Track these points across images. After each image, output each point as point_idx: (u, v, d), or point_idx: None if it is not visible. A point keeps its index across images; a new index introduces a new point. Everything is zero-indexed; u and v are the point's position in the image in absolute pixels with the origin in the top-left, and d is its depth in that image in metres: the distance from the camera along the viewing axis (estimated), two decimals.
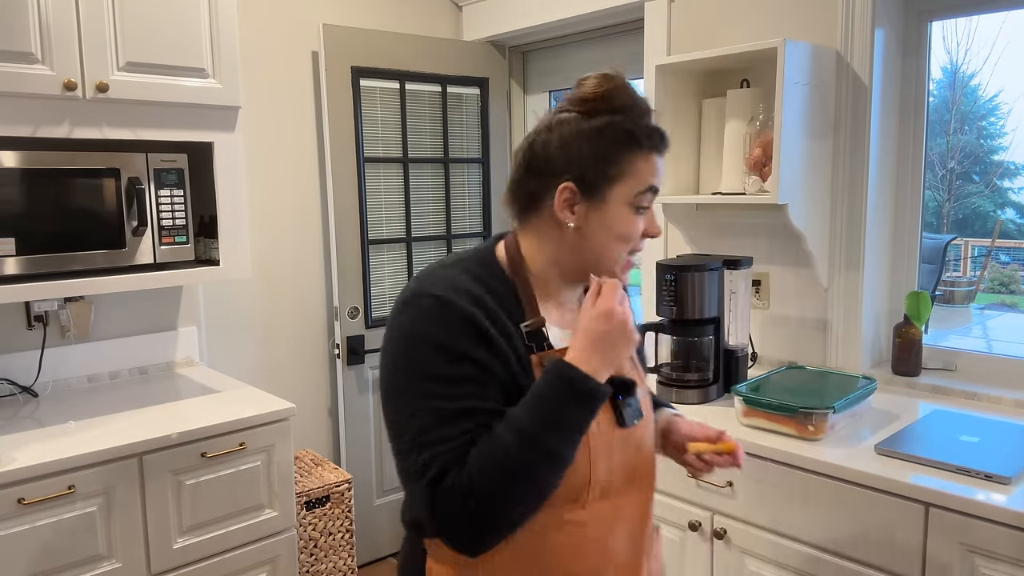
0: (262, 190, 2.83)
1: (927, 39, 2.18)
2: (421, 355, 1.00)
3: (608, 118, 1.08)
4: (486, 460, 0.95)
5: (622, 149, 1.07)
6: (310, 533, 2.60)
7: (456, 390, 0.98)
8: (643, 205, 1.08)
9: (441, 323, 1.00)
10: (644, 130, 1.09)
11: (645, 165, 1.08)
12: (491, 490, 0.94)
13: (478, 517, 0.94)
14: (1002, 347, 2.29)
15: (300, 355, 2.99)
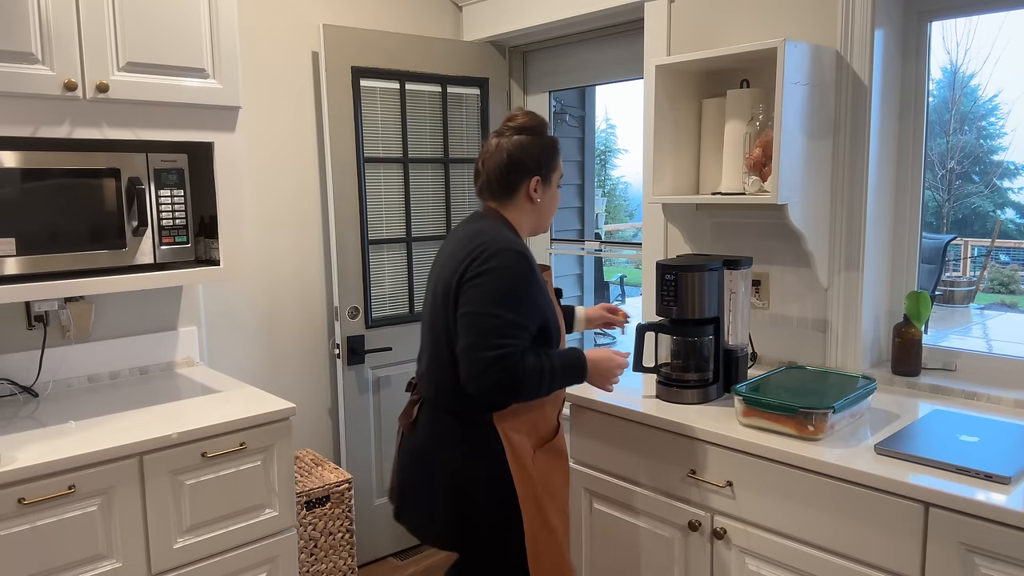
0: (262, 190, 2.83)
1: (927, 39, 2.18)
2: (514, 282, 1.69)
3: (548, 137, 1.85)
4: (533, 368, 1.67)
5: (556, 154, 1.86)
6: (310, 533, 2.60)
7: (524, 311, 1.69)
8: (559, 185, 1.91)
9: (518, 262, 1.70)
10: (556, 140, 1.88)
11: (561, 162, 1.90)
12: (528, 383, 1.67)
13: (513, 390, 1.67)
14: (1002, 347, 2.29)
15: (300, 355, 2.99)
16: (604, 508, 2.16)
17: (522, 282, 1.69)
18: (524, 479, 1.78)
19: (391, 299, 3.08)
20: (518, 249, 1.71)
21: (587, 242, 4.04)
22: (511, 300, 1.66)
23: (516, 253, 1.70)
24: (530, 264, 1.71)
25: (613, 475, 2.12)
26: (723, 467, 1.85)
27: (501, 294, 1.66)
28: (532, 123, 1.81)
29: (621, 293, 10.37)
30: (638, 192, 2.39)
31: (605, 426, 2.11)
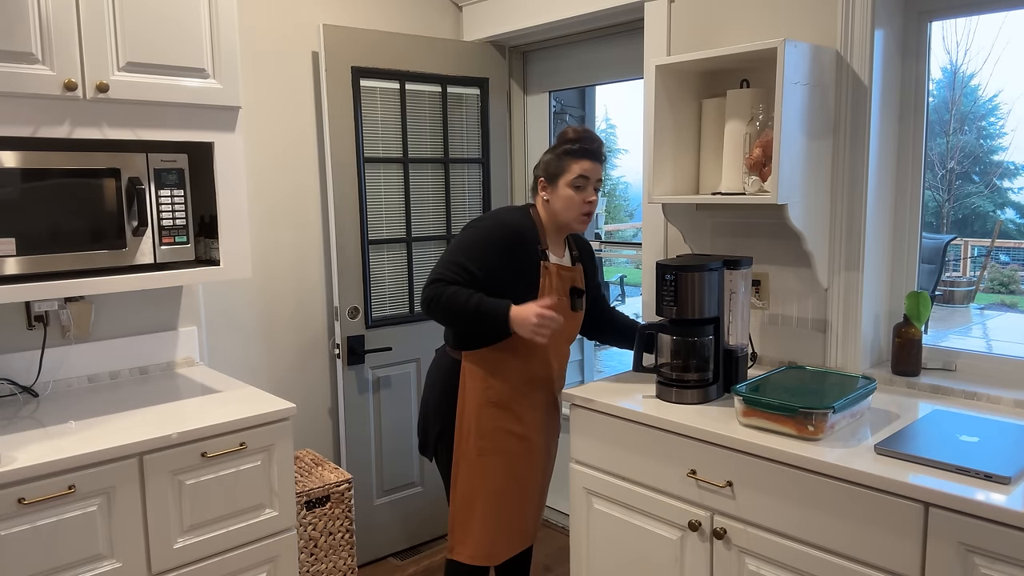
0: (262, 190, 2.83)
1: (927, 39, 2.18)
2: (478, 238, 2.09)
3: (561, 147, 2.14)
4: (454, 295, 2.02)
5: (562, 160, 2.13)
6: (310, 533, 2.60)
7: (475, 260, 2.06)
8: (576, 185, 2.11)
9: (494, 229, 2.10)
10: (578, 148, 2.12)
11: (576, 165, 2.11)
12: (445, 305, 2.04)
13: (433, 308, 2.07)
14: (1002, 347, 2.30)
15: (300, 355, 2.99)
16: (604, 508, 2.16)
17: (486, 242, 2.07)
18: (463, 417, 2.16)
19: (391, 299, 3.08)
20: (503, 221, 2.11)
21: None
22: (467, 248, 2.07)
23: (498, 224, 2.10)
24: (505, 236, 2.07)
25: (613, 475, 2.12)
26: (723, 467, 1.85)
27: (463, 244, 2.08)
28: (563, 135, 2.16)
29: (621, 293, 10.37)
30: (638, 192, 2.41)
31: (605, 426, 2.11)
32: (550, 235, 2.17)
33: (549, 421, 2.29)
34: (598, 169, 2.12)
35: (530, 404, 2.19)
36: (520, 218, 2.13)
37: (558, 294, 2.12)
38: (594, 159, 2.11)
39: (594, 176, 2.11)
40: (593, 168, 2.10)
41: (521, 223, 2.11)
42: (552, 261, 2.14)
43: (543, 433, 2.26)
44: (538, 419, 2.22)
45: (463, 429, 2.16)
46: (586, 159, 2.09)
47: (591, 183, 2.11)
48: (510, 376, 2.15)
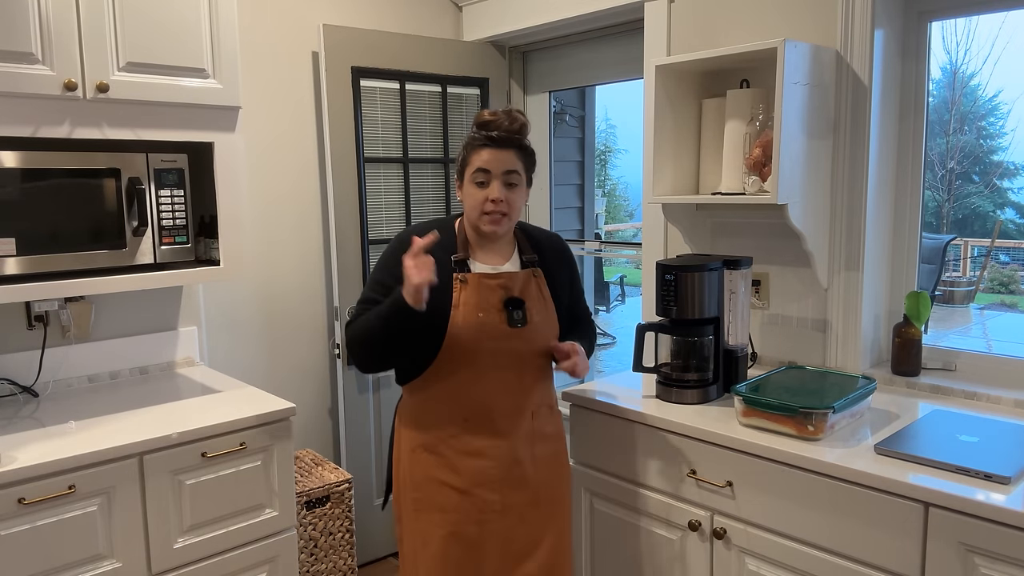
0: (262, 190, 2.83)
1: (927, 39, 2.18)
2: (380, 260, 1.85)
3: (469, 134, 1.82)
4: (358, 325, 1.77)
5: (467, 148, 1.81)
6: (310, 533, 2.60)
7: (377, 285, 1.81)
8: (478, 181, 1.77)
9: (393, 244, 1.84)
10: (480, 136, 1.78)
11: (476, 156, 1.77)
12: (356, 337, 1.77)
13: (352, 351, 1.79)
14: (1002, 347, 2.30)
15: (300, 355, 2.99)
16: (604, 508, 2.16)
17: (385, 261, 1.84)
18: (398, 463, 1.90)
19: None
20: (407, 232, 1.84)
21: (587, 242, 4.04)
22: (372, 277, 1.86)
23: (399, 237, 1.86)
24: (399, 246, 1.79)
25: (613, 475, 2.12)
26: (723, 467, 1.85)
27: (372, 273, 1.88)
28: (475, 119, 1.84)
29: (621, 293, 10.37)
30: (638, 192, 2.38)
31: (605, 426, 2.11)
32: (477, 240, 1.84)
33: (509, 471, 1.80)
34: (505, 160, 1.74)
35: (464, 449, 1.79)
36: (432, 224, 1.86)
37: (480, 307, 1.76)
38: (499, 146, 1.74)
39: (498, 168, 1.74)
40: (496, 159, 1.73)
41: (427, 230, 1.76)
42: (475, 270, 1.80)
43: (497, 487, 1.79)
44: (483, 469, 1.78)
45: (399, 477, 1.87)
46: (488, 147, 1.74)
47: (495, 177, 1.74)
48: (436, 412, 1.80)
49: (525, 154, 1.79)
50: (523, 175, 1.78)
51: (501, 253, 1.86)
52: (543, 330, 1.83)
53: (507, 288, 1.79)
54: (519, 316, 1.79)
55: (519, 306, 1.80)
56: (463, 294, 1.76)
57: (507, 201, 1.75)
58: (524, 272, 1.84)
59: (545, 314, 1.84)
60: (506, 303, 1.78)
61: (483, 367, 1.76)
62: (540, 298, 1.84)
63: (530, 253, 1.89)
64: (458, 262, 1.80)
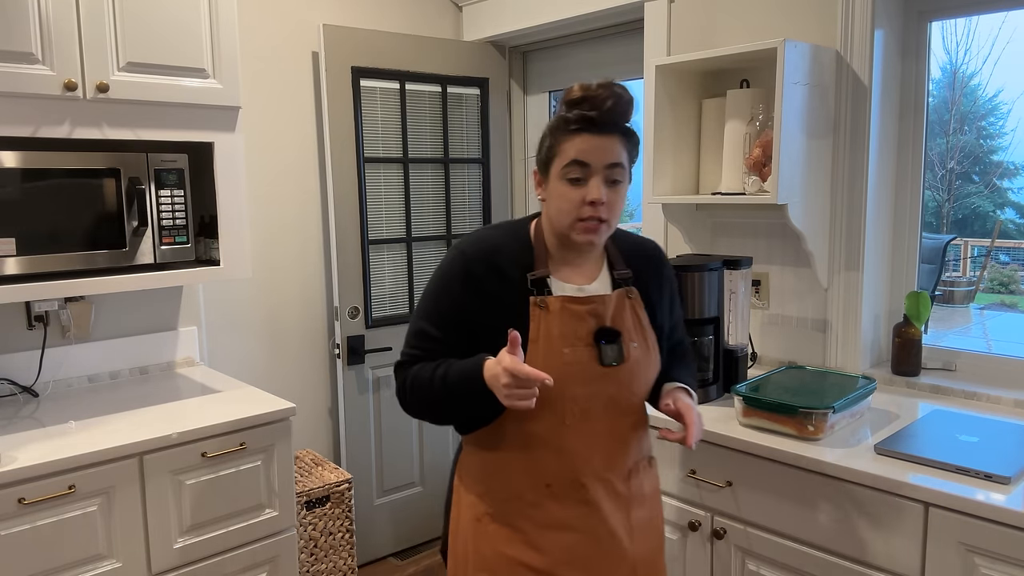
0: (262, 190, 2.83)
1: (927, 39, 2.18)
2: (435, 281, 1.47)
3: (554, 118, 1.40)
4: (416, 379, 1.43)
5: (554, 134, 1.38)
6: (310, 533, 2.60)
7: (436, 316, 1.46)
8: (571, 177, 1.35)
9: (453, 260, 1.44)
10: (574, 117, 1.35)
11: (569, 144, 1.35)
12: (412, 393, 1.44)
13: (404, 404, 1.48)
14: (1002, 347, 2.30)
15: (300, 355, 2.99)
16: None
17: (443, 284, 1.44)
18: (456, 536, 1.50)
19: (391, 299, 3.08)
20: (469, 242, 1.44)
21: None
22: (425, 304, 1.47)
23: (456, 252, 1.45)
24: (464, 265, 1.41)
25: None
26: (723, 467, 1.85)
27: (424, 297, 1.49)
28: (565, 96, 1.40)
29: None
30: (638, 192, 2.38)
31: None
32: (559, 252, 1.44)
33: (603, 546, 1.42)
34: (607, 149, 1.33)
35: (546, 521, 1.41)
36: (503, 234, 1.46)
37: (565, 340, 1.38)
38: (600, 131, 1.33)
39: (599, 160, 1.33)
40: (596, 148, 1.33)
41: (500, 241, 1.44)
42: (557, 292, 1.41)
43: (589, 567, 1.41)
44: (571, 545, 1.41)
45: (459, 551, 1.49)
46: (586, 132, 1.33)
47: (594, 172, 1.33)
48: (510, 473, 1.43)
49: (631, 142, 1.38)
50: (627, 169, 1.38)
51: (587, 269, 1.46)
52: (643, 368, 1.44)
53: (598, 315, 1.41)
54: (614, 353, 1.40)
55: (614, 339, 1.40)
56: (543, 324, 1.38)
57: (608, 203, 1.35)
58: (617, 293, 1.44)
59: (645, 348, 1.44)
60: (597, 335, 1.40)
61: (569, 418, 1.38)
62: (638, 327, 1.45)
63: (622, 267, 1.49)
64: (536, 281, 1.41)
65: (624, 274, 1.48)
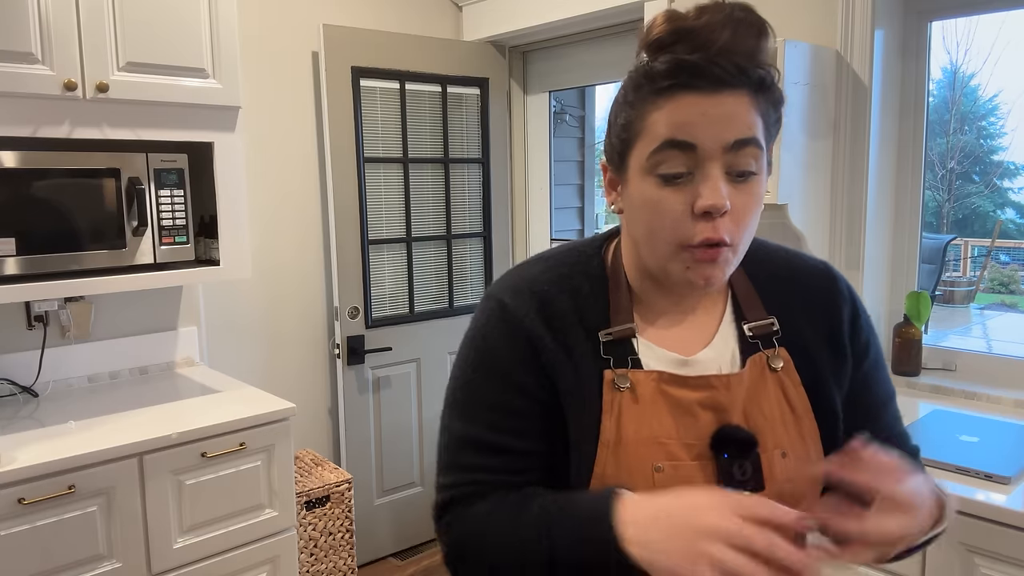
0: (262, 190, 2.83)
1: (927, 39, 2.18)
2: (470, 357, 0.88)
3: (640, 66, 0.82)
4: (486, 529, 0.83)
5: (636, 101, 0.81)
6: (310, 533, 2.60)
7: (486, 415, 0.86)
8: (666, 172, 0.79)
9: (484, 327, 0.89)
10: (664, 66, 0.78)
11: (658, 114, 0.79)
12: (468, 550, 0.83)
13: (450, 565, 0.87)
14: (1002, 347, 2.29)
15: (300, 355, 2.99)
16: None
17: (480, 361, 0.89)
18: None
19: (391, 299, 3.08)
20: (498, 297, 0.90)
21: None
22: (460, 396, 0.89)
23: (492, 303, 0.90)
24: (502, 337, 0.87)
25: None
26: None
27: (451, 386, 0.91)
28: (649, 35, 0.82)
29: None
30: None
31: None
32: (652, 294, 0.91)
33: None
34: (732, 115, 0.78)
35: None
36: (558, 268, 0.92)
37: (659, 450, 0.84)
38: (715, 86, 0.78)
39: (716, 137, 0.78)
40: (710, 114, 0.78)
41: (553, 281, 0.90)
42: (649, 363, 0.88)
43: None
44: None
45: None
46: (689, 91, 0.78)
47: (709, 158, 0.79)
48: None
49: (769, 100, 0.82)
50: (765, 148, 0.82)
51: (699, 321, 0.92)
52: (798, 488, 0.87)
53: (718, 407, 0.86)
54: (746, 471, 0.84)
55: (746, 449, 0.85)
56: (623, 417, 0.84)
57: (735, 213, 0.80)
58: (753, 364, 0.89)
59: (801, 453, 0.87)
60: (716, 441, 0.84)
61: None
62: (790, 421, 0.88)
63: (760, 313, 0.92)
64: (613, 345, 0.87)
65: (763, 327, 0.90)
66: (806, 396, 0.88)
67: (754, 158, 0.80)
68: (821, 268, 0.96)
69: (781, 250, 0.97)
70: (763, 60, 0.80)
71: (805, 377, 0.89)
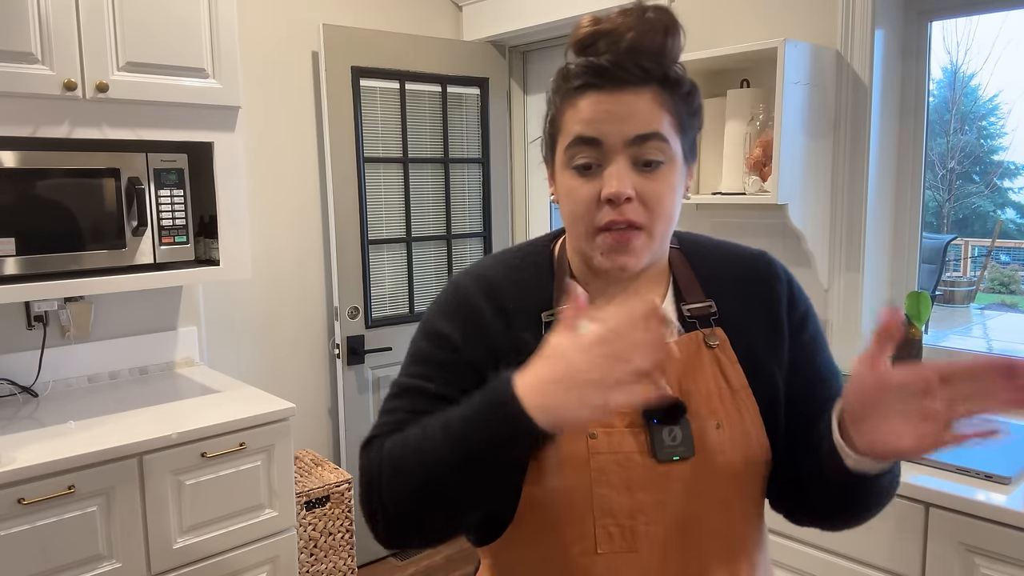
0: (262, 190, 2.83)
1: (927, 39, 2.18)
2: (424, 327, 0.99)
3: (560, 67, 0.92)
4: (392, 450, 0.86)
5: (556, 99, 0.91)
6: (310, 533, 2.60)
7: (419, 367, 0.95)
8: (578, 163, 0.88)
9: (442, 305, 0.98)
10: (576, 67, 0.88)
11: (571, 112, 0.88)
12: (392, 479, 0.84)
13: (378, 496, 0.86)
14: (1002, 347, 2.29)
15: (300, 355, 2.99)
16: None
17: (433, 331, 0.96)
18: None
19: (391, 299, 3.08)
20: (457, 280, 0.99)
21: None
22: (413, 351, 0.98)
23: (453, 285, 0.99)
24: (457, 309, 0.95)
25: None
26: None
27: (411, 347, 0.99)
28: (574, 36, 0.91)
29: None
30: None
31: None
32: (594, 281, 0.97)
33: None
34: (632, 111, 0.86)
35: None
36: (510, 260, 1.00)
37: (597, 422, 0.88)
38: (617, 85, 0.86)
39: (618, 132, 0.86)
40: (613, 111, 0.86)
41: (504, 270, 0.99)
42: None
43: None
44: None
45: None
46: (595, 91, 0.87)
47: (612, 151, 0.86)
48: None
49: (677, 95, 0.89)
50: (674, 139, 0.88)
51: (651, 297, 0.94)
52: (732, 463, 0.91)
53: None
54: (676, 437, 0.89)
55: (675, 417, 0.90)
56: None
57: (642, 198, 0.87)
58: (687, 340, 0.94)
59: (737, 428, 0.92)
60: (648, 411, 0.89)
61: (604, 543, 0.88)
62: (724, 394, 0.93)
63: (699, 296, 0.98)
64: (554, 323, 0.88)
65: (701, 307, 0.96)
66: (743, 373, 0.94)
67: (659, 150, 0.87)
68: (758, 255, 1.04)
69: (721, 243, 1.06)
70: (669, 58, 0.88)
71: (743, 355, 0.94)
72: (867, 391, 0.81)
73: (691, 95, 0.90)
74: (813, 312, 1.03)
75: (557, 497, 0.87)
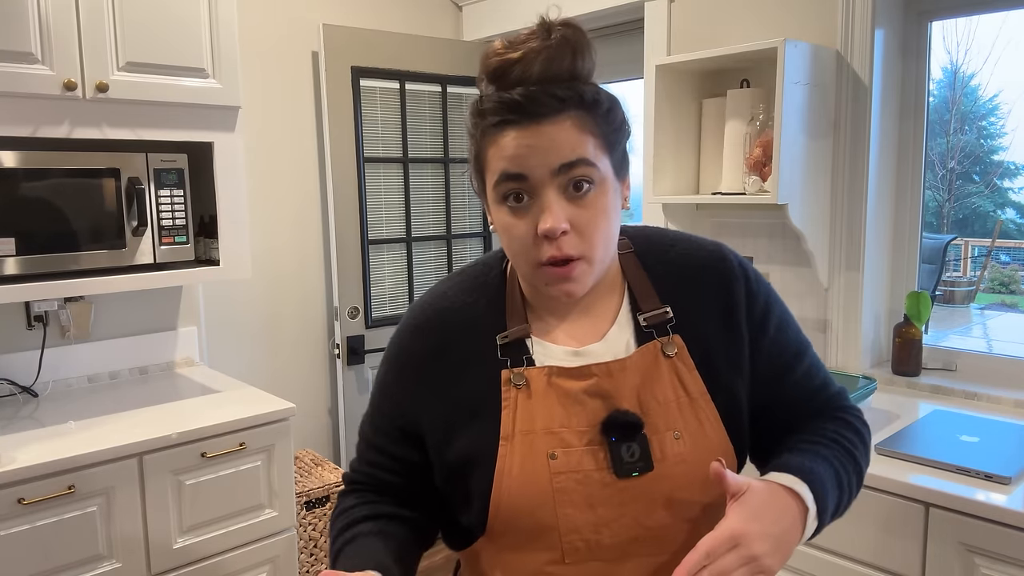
0: (262, 190, 2.83)
1: (927, 39, 2.18)
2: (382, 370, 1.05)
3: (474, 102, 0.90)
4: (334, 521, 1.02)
5: (476, 134, 0.90)
6: (310, 533, 2.60)
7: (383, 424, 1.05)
8: (508, 202, 0.87)
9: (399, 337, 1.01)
10: (493, 104, 0.86)
11: (494, 149, 0.87)
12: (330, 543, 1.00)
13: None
14: (1002, 347, 2.29)
15: (300, 355, 2.99)
16: None
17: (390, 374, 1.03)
18: None
19: (391, 299, 3.08)
20: (405, 319, 1.01)
21: None
22: (375, 388, 1.08)
23: (407, 324, 1.00)
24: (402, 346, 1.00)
25: None
26: None
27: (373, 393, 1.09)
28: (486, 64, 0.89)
29: None
30: (638, 192, 2.38)
31: None
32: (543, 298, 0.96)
33: None
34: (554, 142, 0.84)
35: None
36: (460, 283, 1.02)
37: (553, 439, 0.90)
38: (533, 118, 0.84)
39: (543, 164, 0.84)
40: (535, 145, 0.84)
41: (454, 295, 0.99)
42: (542, 360, 0.94)
43: None
44: None
45: None
46: (513, 127, 0.85)
47: (540, 184, 0.85)
48: None
49: (596, 114, 0.87)
50: (601, 159, 0.87)
51: (592, 314, 0.96)
52: (694, 472, 0.90)
53: (604, 394, 0.91)
54: (634, 453, 0.89)
55: (633, 431, 0.89)
56: (520, 412, 0.91)
57: (577, 228, 0.86)
58: (643, 352, 0.93)
59: (697, 435, 0.92)
60: (606, 427, 0.90)
61: (571, 555, 0.90)
62: (683, 403, 0.92)
63: (654, 303, 0.96)
64: (510, 346, 0.94)
65: (657, 314, 0.94)
66: (701, 380, 0.93)
67: (586, 175, 0.85)
68: (713, 251, 0.99)
69: (676, 240, 1.01)
70: (582, 79, 0.87)
71: (700, 360, 0.94)
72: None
73: (611, 112, 0.88)
74: (773, 298, 1.01)
75: (523, 515, 0.89)
